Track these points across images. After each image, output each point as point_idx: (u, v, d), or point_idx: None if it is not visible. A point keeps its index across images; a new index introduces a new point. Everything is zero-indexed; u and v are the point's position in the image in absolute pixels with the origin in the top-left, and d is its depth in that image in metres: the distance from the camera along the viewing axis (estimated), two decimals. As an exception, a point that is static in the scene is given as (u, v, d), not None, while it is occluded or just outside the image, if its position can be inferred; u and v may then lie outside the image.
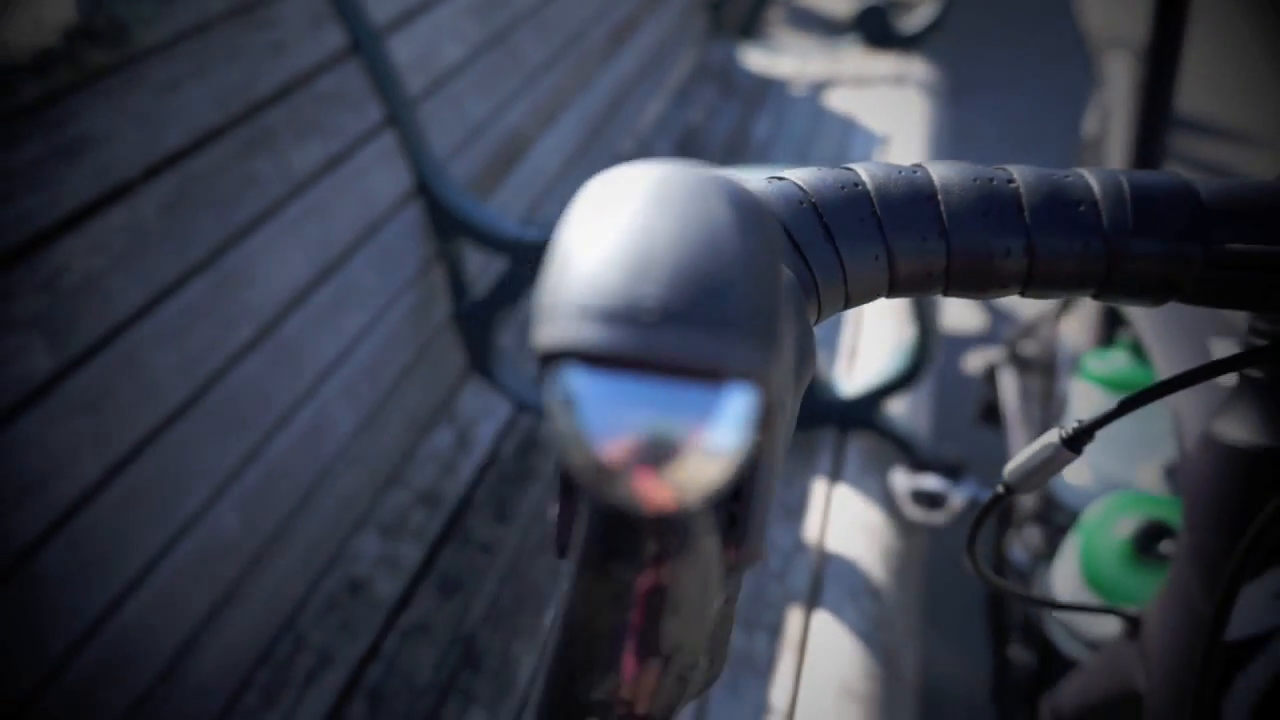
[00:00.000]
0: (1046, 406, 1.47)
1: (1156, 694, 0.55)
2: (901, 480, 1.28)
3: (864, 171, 0.35)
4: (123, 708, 0.90)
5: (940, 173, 0.35)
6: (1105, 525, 0.89)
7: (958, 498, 1.27)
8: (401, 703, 1.10)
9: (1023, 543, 1.29)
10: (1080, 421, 0.40)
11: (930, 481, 1.29)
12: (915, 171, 0.35)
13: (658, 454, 0.17)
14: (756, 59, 2.71)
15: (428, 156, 1.38)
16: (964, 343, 2.44)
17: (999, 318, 2.52)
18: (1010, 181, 0.34)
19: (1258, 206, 0.34)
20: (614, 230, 0.19)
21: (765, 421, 0.20)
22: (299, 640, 1.12)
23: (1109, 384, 1.08)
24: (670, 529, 0.19)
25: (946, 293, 0.36)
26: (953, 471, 1.31)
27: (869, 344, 1.59)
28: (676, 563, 0.19)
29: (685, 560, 0.20)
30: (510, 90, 1.71)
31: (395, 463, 1.33)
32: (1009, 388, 1.66)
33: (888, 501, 1.29)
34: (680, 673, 0.22)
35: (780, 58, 2.71)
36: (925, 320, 1.25)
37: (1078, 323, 1.48)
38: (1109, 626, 0.94)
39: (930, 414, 1.55)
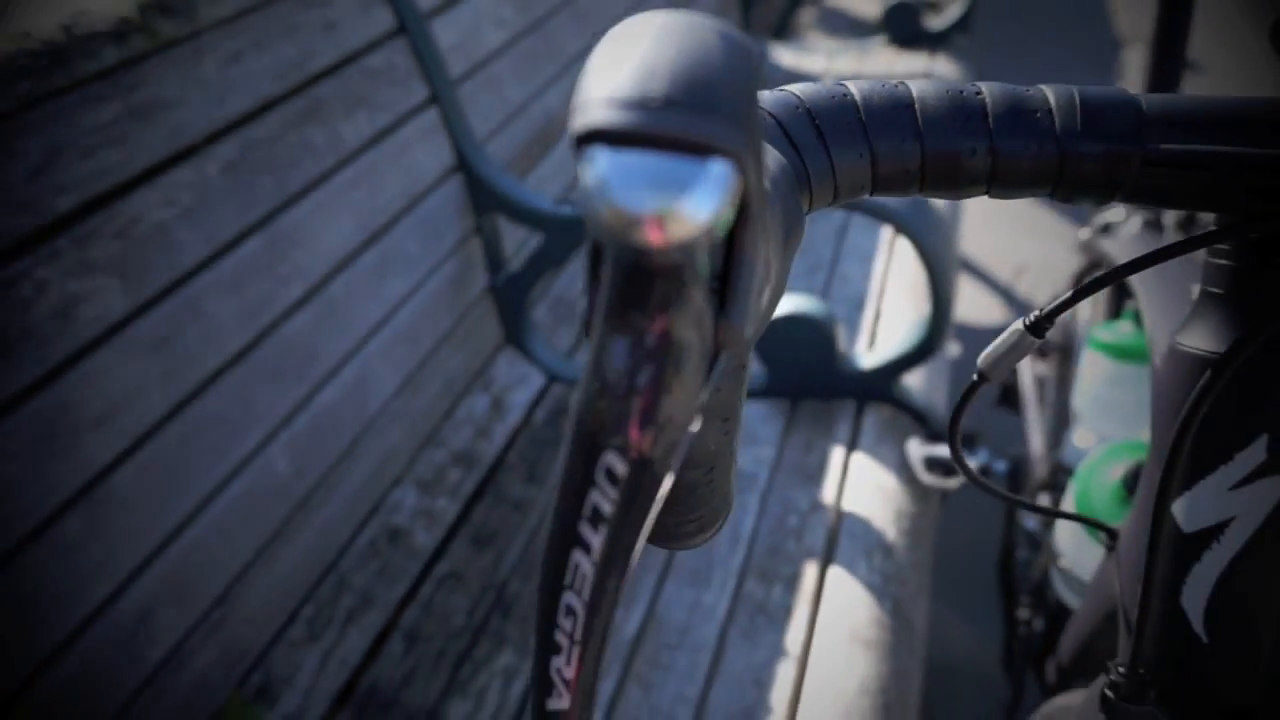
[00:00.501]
0: (1063, 389, 1.51)
1: (1125, 594, 0.60)
2: (916, 448, 1.34)
3: (853, 85, 0.41)
4: (182, 627, 0.97)
5: (919, 87, 0.41)
6: (1099, 470, 0.94)
7: (971, 465, 1.32)
8: (437, 643, 1.17)
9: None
10: (1041, 309, 0.46)
11: (944, 450, 1.34)
12: (897, 86, 0.41)
13: (661, 206, 0.23)
14: (786, 57, 2.77)
15: (467, 134, 1.45)
16: (983, 334, 2.49)
17: (1019, 310, 2.56)
18: (978, 94, 0.40)
19: (1191, 115, 0.40)
20: (630, 50, 0.25)
21: (745, 208, 0.26)
22: (341, 582, 1.19)
23: (1115, 351, 1.13)
24: (672, 275, 0.25)
25: (922, 190, 0.42)
26: (966, 441, 1.36)
27: (888, 323, 1.65)
28: (676, 311, 0.26)
29: (683, 309, 0.26)
30: (547, 76, 1.78)
31: (433, 424, 1.40)
32: (1026, 371, 1.71)
33: (903, 468, 1.34)
34: (672, 439, 0.28)
35: (810, 55, 2.77)
36: (940, 296, 1.30)
37: (1093, 305, 1.53)
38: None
39: (948, 391, 1.60)
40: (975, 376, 0.48)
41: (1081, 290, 0.45)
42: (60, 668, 0.85)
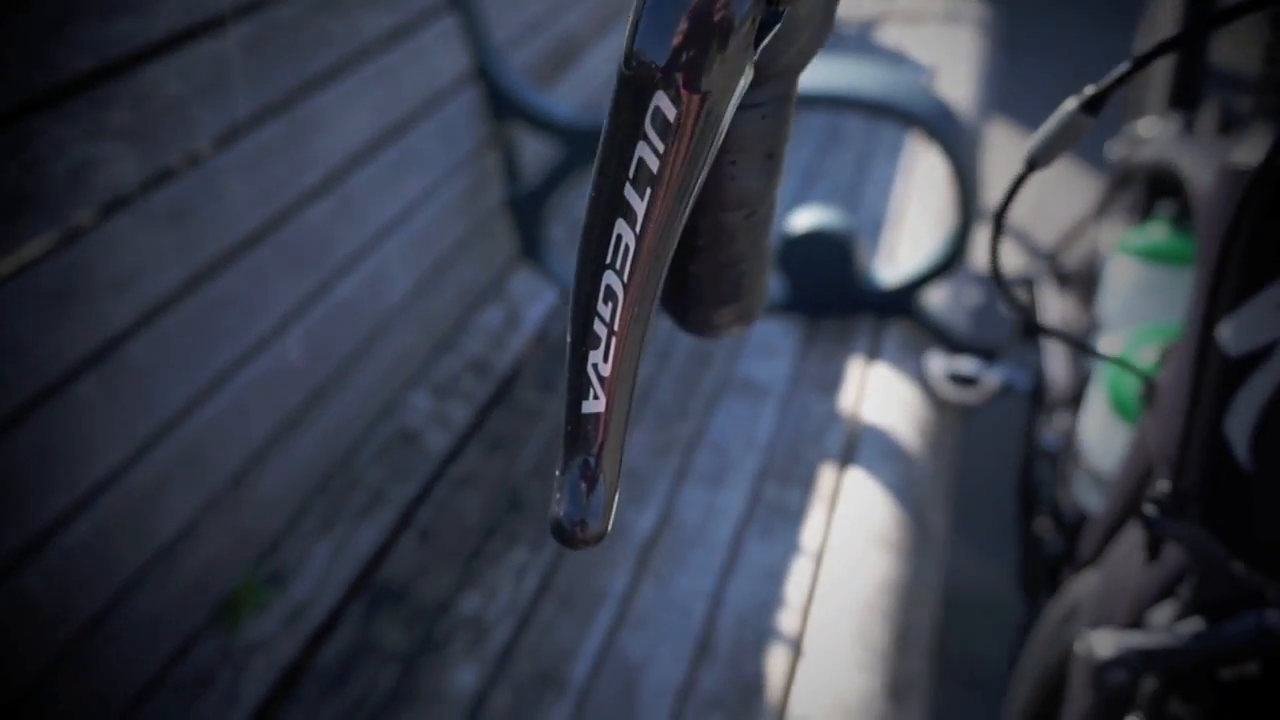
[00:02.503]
0: (1087, 318, 1.49)
1: (1165, 427, 0.58)
2: (937, 361, 1.32)
3: None
4: (195, 504, 0.97)
5: None
6: (1130, 354, 0.93)
7: (992, 379, 1.31)
8: (450, 540, 1.16)
9: (1054, 428, 1.32)
10: (1095, 86, 0.44)
11: (965, 363, 1.32)
12: None
13: None
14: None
15: (487, 40, 1.43)
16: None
17: (1042, 260, 2.53)
18: None
19: None
20: None
21: None
22: (354, 478, 1.18)
23: (1148, 254, 1.11)
24: None
25: None
26: (988, 354, 1.34)
27: (908, 245, 1.63)
28: None
29: None
30: (568, -7, 1.76)
31: (447, 330, 1.38)
32: (1049, 301, 1.69)
33: (923, 382, 1.33)
34: (728, 73, 0.27)
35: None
36: (966, 204, 1.28)
37: (1116, 229, 1.50)
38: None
39: (971, 309, 1.58)
40: (1025, 165, 0.47)
41: (1145, 57, 0.43)
42: (70, 532, 0.84)
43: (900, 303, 1.40)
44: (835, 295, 1.42)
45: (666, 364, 1.41)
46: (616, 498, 0.32)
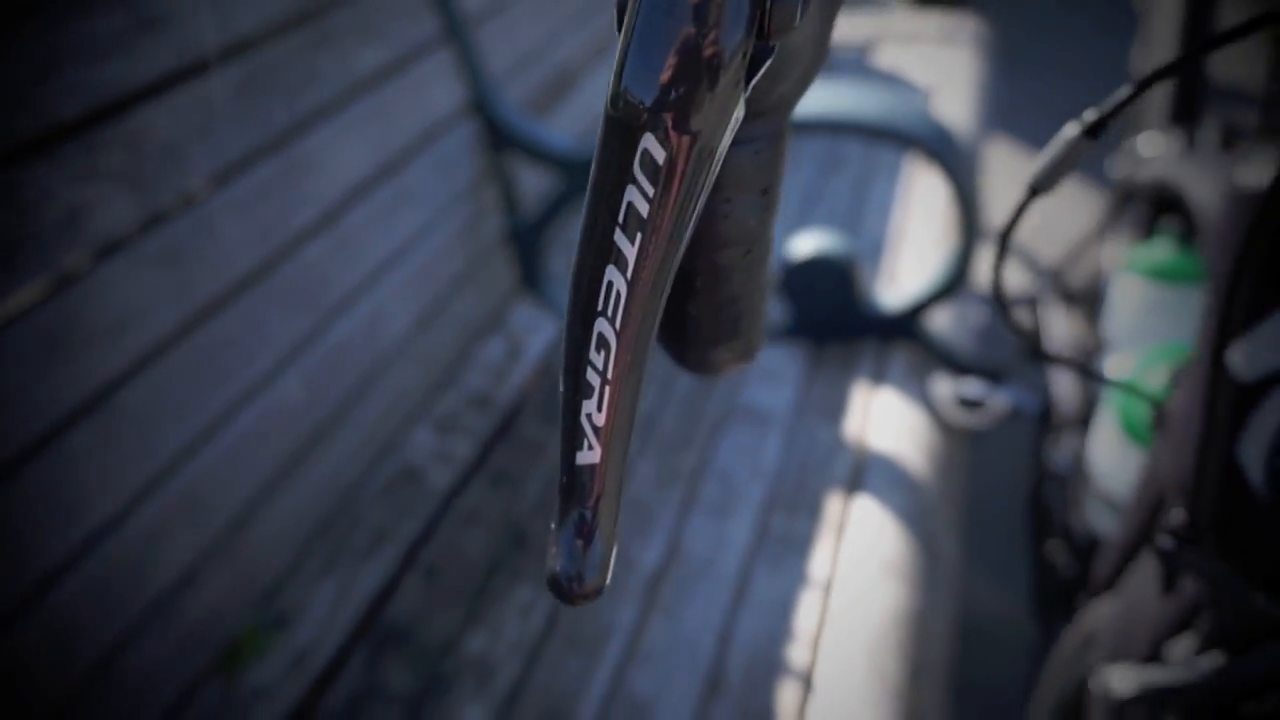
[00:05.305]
0: (1093, 337, 1.48)
1: (1177, 454, 0.57)
2: (943, 385, 1.31)
3: None
4: (195, 550, 0.95)
5: None
6: (1139, 376, 0.91)
7: (999, 402, 1.29)
8: (454, 578, 1.14)
9: (1064, 450, 1.30)
10: (1095, 111, 0.43)
11: (971, 386, 1.31)
12: None
13: None
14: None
15: (483, 72, 1.43)
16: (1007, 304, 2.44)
17: (1045, 279, 2.52)
18: None
19: None
20: None
21: None
22: (357, 518, 1.17)
23: (1154, 273, 1.09)
24: None
25: None
26: (994, 376, 1.33)
27: (908, 269, 1.62)
28: None
29: None
30: (561, 23, 1.76)
31: (448, 365, 1.37)
32: (1054, 321, 1.67)
33: (929, 406, 1.31)
34: (718, 110, 0.26)
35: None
36: (968, 224, 1.27)
37: (1120, 247, 1.49)
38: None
39: (976, 330, 1.57)
40: (1027, 191, 0.46)
41: (1145, 81, 0.42)
42: (67, 582, 0.83)
43: (904, 326, 1.39)
44: (838, 320, 1.40)
45: (669, 393, 1.40)
46: (615, 550, 0.31)
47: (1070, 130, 0.44)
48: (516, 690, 1.00)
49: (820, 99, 1.28)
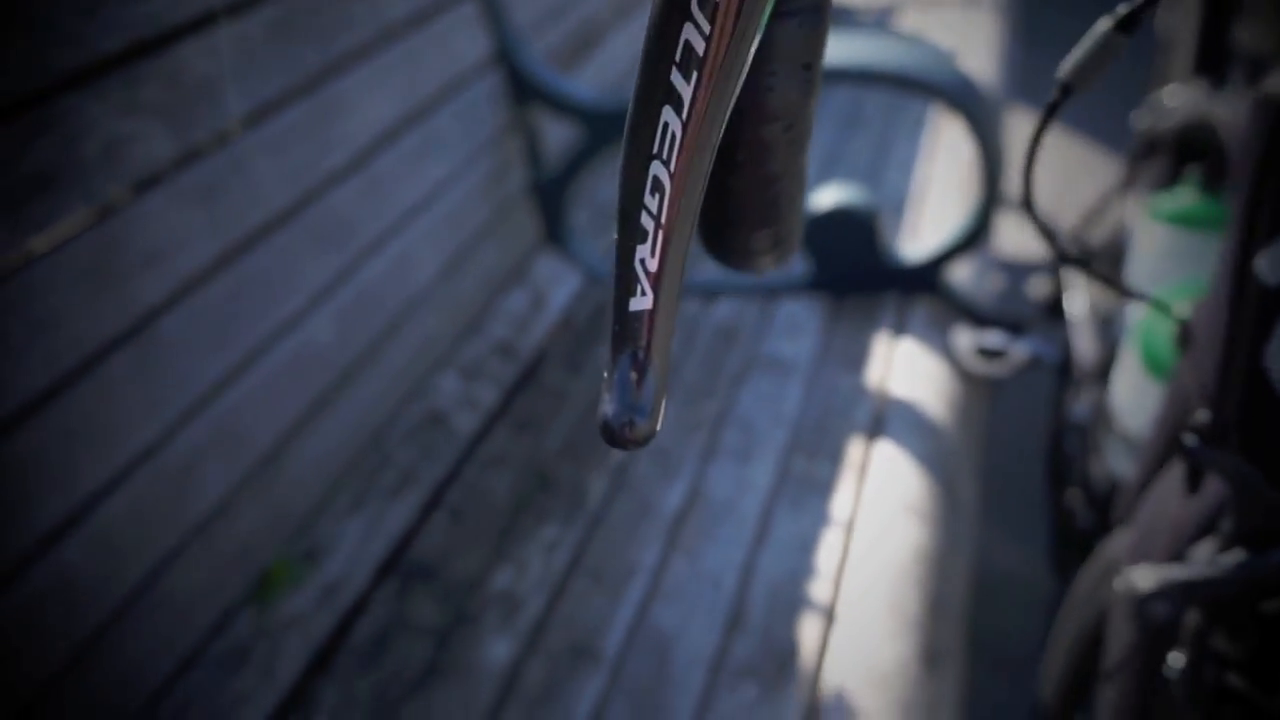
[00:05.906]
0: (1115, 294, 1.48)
1: (1202, 359, 0.57)
2: (964, 335, 1.32)
3: None
4: (229, 481, 0.97)
5: None
6: (1161, 316, 0.92)
7: (1019, 351, 1.30)
8: (480, 518, 1.16)
9: (1083, 400, 1.31)
10: (1128, 3, 0.44)
11: (992, 337, 1.32)
12: None
13: None
14: None
15: (508, 24, 1.44)
16: (1026, 270, 2.45)
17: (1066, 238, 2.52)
18: None
19: None
20: None
21: None
22: (384, 458, 1.19)
23: (1178, 219, 1.09)
24: None
25: None
26: (1015, 327, 1.34)
27: (930, 224, 1.62)
28: None
29: None
30: (586, -21, 1.76)
31: (473, 314, 1.39)
32: (1074, 280, 1.67)
33: (950, 356, 1.32)
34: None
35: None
36: (990, 175, 1.27)
37: (1142, 202, 1.49)
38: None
39: (995, 292, 1.57)
40: (1058, 90, 0.46)
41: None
42: (110, 504, 0.85)
43: (925, 279, 1.40)
44: (860, 273, 1.41)
45: (692, 344, 1.41)
46: (664, 402, 0.32)
47: (1103, 24, 0.44)
48: (541, 624, 1.02)
49: (846, 49, 1.29)
